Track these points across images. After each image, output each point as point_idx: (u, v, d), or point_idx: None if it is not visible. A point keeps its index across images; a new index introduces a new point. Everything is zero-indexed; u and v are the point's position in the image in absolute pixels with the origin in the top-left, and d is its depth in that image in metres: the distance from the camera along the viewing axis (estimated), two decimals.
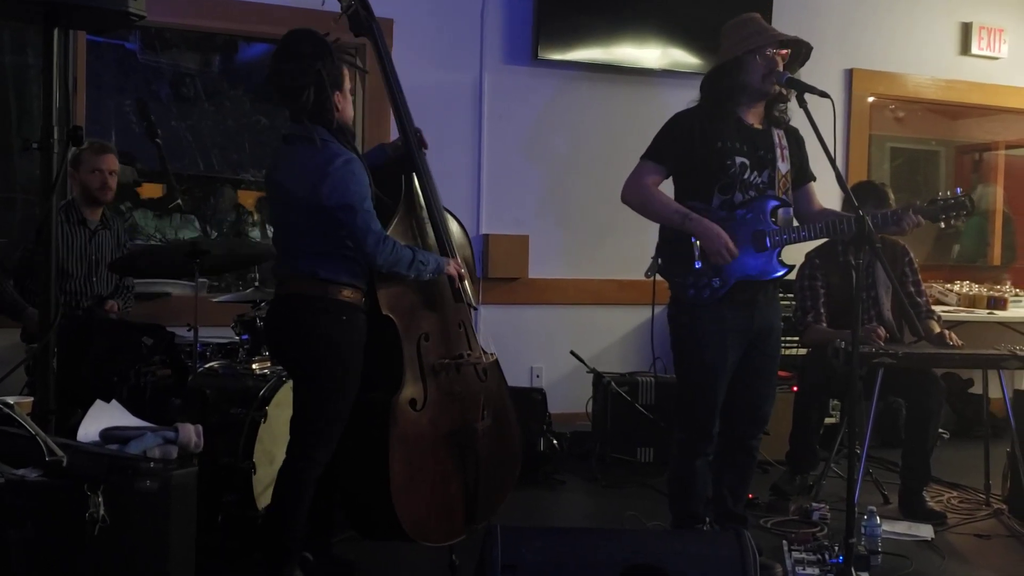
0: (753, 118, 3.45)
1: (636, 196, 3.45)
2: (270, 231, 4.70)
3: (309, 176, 2.98)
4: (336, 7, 3.42)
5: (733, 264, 3.34)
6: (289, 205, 3.07)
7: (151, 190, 6.30)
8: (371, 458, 3.15)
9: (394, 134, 3.51)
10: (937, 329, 4.45)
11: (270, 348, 3.65)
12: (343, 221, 2.97)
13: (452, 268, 3.31)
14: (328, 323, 3.05)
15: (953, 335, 4.39)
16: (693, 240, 3.37)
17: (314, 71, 2.99)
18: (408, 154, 3.38)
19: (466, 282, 3.41)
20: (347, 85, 3.12)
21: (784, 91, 3.41)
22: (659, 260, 3.49)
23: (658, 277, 3.52)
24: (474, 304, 3.48)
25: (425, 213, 3.40)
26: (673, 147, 3.42)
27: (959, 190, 3.48)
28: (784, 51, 3.39)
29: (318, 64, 2.99)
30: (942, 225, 3.54)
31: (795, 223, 3.48)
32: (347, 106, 3.13)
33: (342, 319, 3.06)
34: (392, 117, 3.45)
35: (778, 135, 3.48)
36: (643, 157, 3.48)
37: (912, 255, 4.65)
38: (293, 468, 3.07)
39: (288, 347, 3.16)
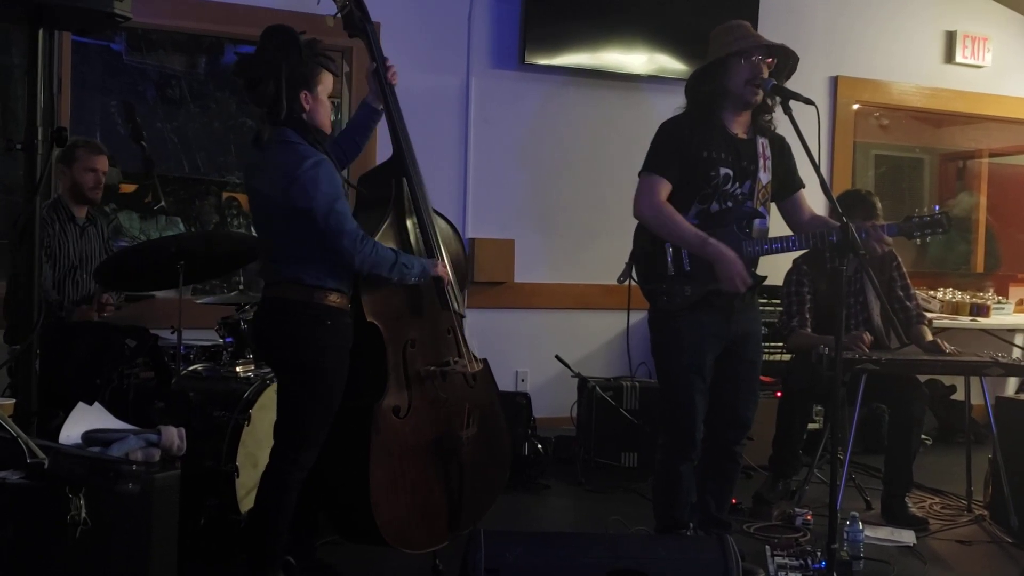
0: (738, 127, 3.44)
1: (653, 215, 3.38)
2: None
3: (279, 180, 2.95)
4: (332, 8, 3.40)
5: (705, 274, 3.34)
6: (266, 210, 3.05)
7: (126, 186, 6.26)
8: (353, 464, 3.14)
9: (384, 135, 3.49)
10: (929, 336, 4.46)
11: (257, 351, 3.62)
12: (317, 224, 2.93)
13: (440, 270, 3.29)
14: (313, 327, 3.02)
15: (945, 343, 4.39)
16: (667, 247, 3.38)
17: (274, 65, 2.92)
18: (399, 158, 3.36)
19: (454, 287, 3.39)
20: (320, 87, 3.02)
21: (769, 100, 3.41)
22: (632, 267, 3.49)
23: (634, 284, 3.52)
24: (461, 311, 3.45)
25: (415, 217, 3.38)
26: (673, 156, 3.39)
27: (936, 208, 3.49)
28: (770, 59, 3.40)
29: (279, 58, 2.93)
30: (917, 242, 3.54)
31: (770, 235, 3.46)
32: (318, 108, 3.02)
33: (327, 323, 3.04)
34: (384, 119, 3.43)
35: (762, 144, 3.46)
36: (647, 171, 3.41)
37: (900, 260, 4.66)
38: (277, 472, 3.05)
39: (274, 351, 3.15)
